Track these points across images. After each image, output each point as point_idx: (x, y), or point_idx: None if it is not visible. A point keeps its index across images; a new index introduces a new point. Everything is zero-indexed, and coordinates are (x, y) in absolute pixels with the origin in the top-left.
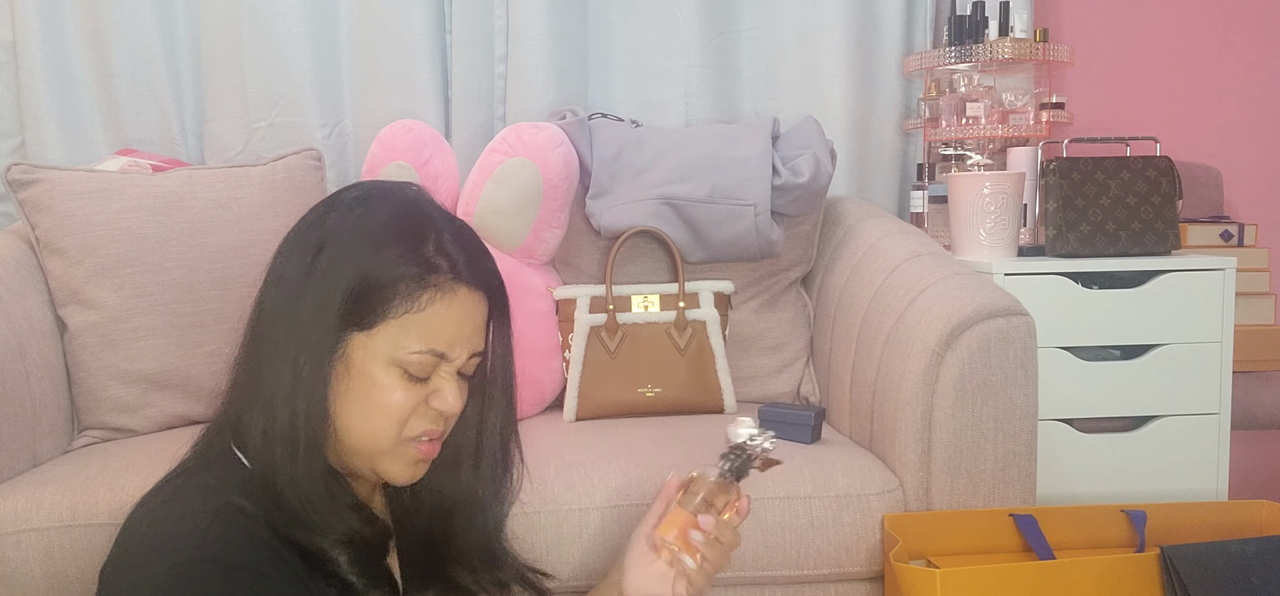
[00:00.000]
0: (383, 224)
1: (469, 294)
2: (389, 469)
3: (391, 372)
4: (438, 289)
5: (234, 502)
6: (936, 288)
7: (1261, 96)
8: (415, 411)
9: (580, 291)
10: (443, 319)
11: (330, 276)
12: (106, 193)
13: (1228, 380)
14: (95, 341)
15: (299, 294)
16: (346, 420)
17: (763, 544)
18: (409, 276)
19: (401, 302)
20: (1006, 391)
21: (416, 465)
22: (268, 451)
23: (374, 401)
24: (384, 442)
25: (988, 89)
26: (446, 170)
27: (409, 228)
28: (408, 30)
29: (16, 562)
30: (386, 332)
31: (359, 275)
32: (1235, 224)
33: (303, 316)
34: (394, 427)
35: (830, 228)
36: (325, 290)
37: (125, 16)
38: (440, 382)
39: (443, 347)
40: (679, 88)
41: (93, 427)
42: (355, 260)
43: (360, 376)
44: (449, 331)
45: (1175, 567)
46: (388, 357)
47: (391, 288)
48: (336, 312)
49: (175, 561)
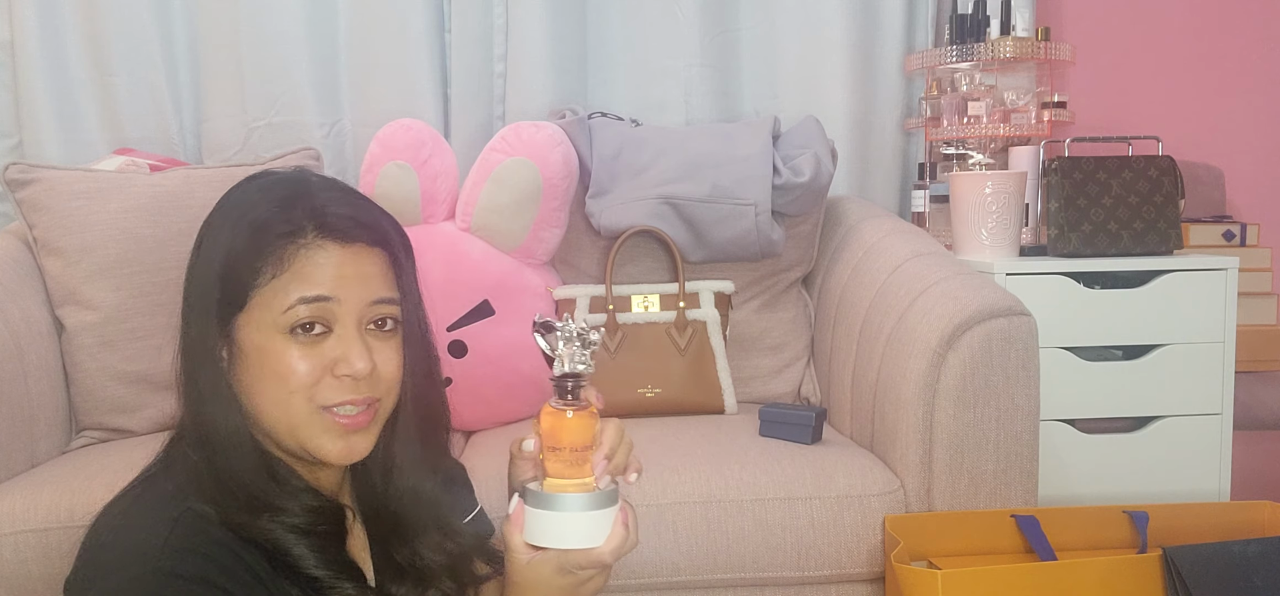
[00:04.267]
0: (248, 202)
1: (343, 248)
2: (317, 444)
3: (281, 339)
4: (303, 247)
5: (193, 507)
6: (938, 287)
7: (1264, 96)
8: (320, 379)
9: (580, 291)
10: (315, 266)
11: (204, 266)
12: (104, 192)
13: (1230, 380)
14: (93, 342)
15: (188, 291)
16: (256, 402)
17: (763, 544)
18: (273, 239)
19: (270, 268)
20: (1008, 392)
21: (348, 437)
22: (205, 451)
23: (268, 372)
24: (296, 414)
25: (989, 88)
26: (445, 169)
27: (273, 198)
28: (407, 29)
29: (15, 563)
30: (260, 300)
31: (226, 256)
32: (1237, 224)
33: (193, 314)
34: (298, 395)
35: (831, 227)
36: (202, 282)
37: (123, 15)
38: (340, 343)
39: (319, 291)
40: (679, 87)
41: (91, 428)
42: (222, 243)
43: (253, 354)
44: (324, 275)
45: (1177, 568)
46: (269, 324)
47: (257, 257)
48: (215, 300)
49: (132, 574)
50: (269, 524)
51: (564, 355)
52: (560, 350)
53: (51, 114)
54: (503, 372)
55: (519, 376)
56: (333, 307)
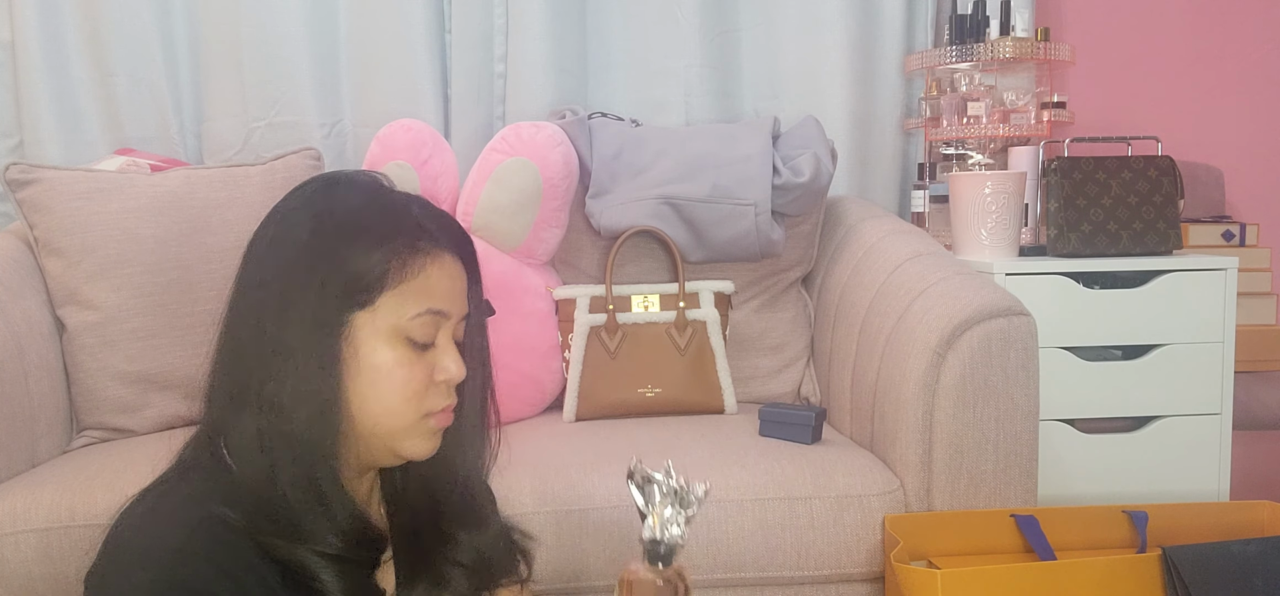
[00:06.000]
0: (362, 205)
1: (452, 258)
2: (410, 446)
3: (397, 345)
4: (426, 254)
5: (216, 512)
6: (937, 287)
7: (1263, 96)
8: (428, 388)
9: (580, 291)
10: (436, 278)
11: (323, 263)
12: (105, 192)
13: (1229, 380)
14: (94, 341)
15: (290, 289)
16: (361, 404)
17: (763, 544)
18: (400, 247)
19: (396, 273)
20: (1008, 391)
21: (434, 436)
22: (265, 455)
23: (385, 379)
24: (404, 420)
25: (989, 88)
26: (446, 170)
27: (387, 204)
28: (407, 29)
29: (15, 563)
30: (387, 304)
31: (353, 256)
32: (1237, 224)
33: (301, 310)
34: (412, 402)
35: (831, 227)
36: (321, 278)
37: (124, 15)
38: (441, 352)
39: (441, 305)
40: (679, 87)
41: (91, 428)
42: (345, 242)
43: (368, 356)
44: (443, 288)
45: (1177, 568)
46: (391, 328)
47: (385, 261)
48: (336, 297)
49: (143, 578)
50: (300, 550)
51: (659, 516)
52: (654, 506)
53: (52, 114)
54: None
55: (519, 376)
56: (441, 320)
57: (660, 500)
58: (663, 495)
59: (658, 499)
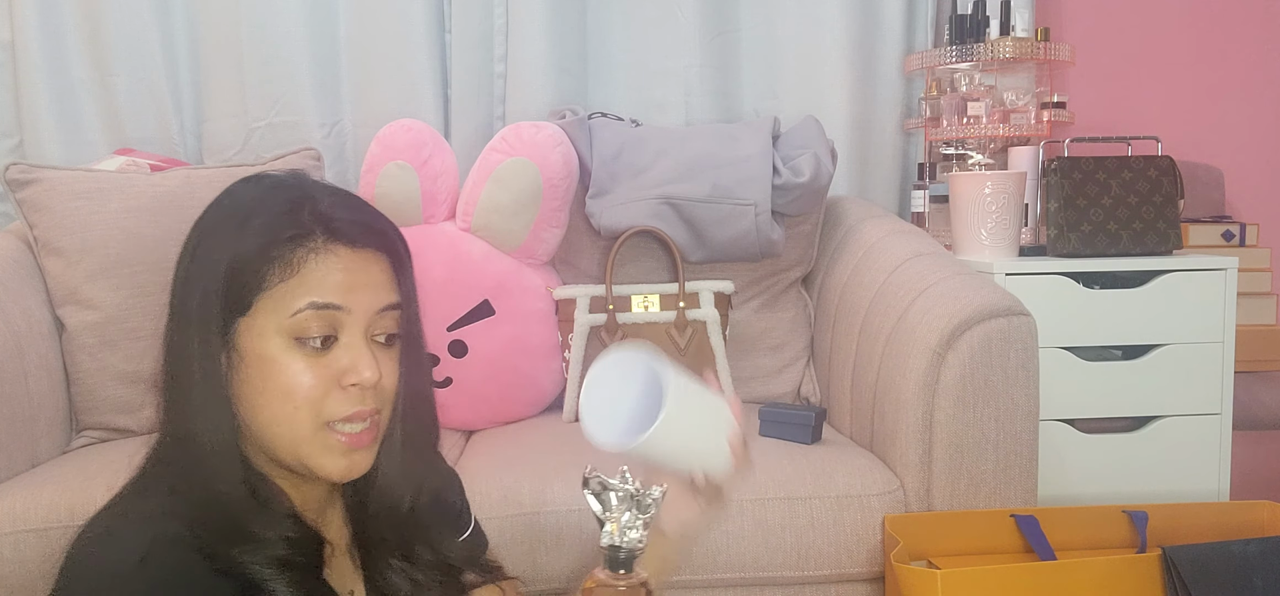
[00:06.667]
0: (251, 204)
1: (352, 252)
2: (319, 461)
3: (286, 348)
4: (313, 251)
5: (169, 533)
6: (937, 287)
7: (1263, 96)
8: (328, 393)
9: (580, 291)
10: (325, 271)
11: (204, 269)
12: (105, 192)
13: (1229, 380)
14: (94, 341)
15: (181, 298)
16: (253, 413)
17: (763, 544)
18: (282, 242)
19: (277, 272)
20: (1008, 391)
21: (351, 455)
22: (187, 469)
23: (273, 383)
24: (300, 430)
25: (989, 88)
26: (446, 169)
27: (278, 200)
28: (407, 29)
29: (15, 563)
30: (266, 305)
31: (230, 257)
32: (1237, 224)
33: (188, 320)
34: (304, 410)
35: (831, 227)
36: (201, 285)
37: (124, 16)
38: (348, 353)
39: (330, 298)
40: (679, 87)
41: (91, 428)
42: (225, 245)
43: (255, 362)
44: (333, 281)
45: (1177, 568)
46: (275, 329)
47: (264, 259)
48: (216, 304)
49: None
50: (247, 557)
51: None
52: (612, 512)
53: (52, 114)
54: (503, 372)
55: (519, 376)
56: (341, 316)
57: (618, 505)
58: (620, 500)
59: (615, 504)
